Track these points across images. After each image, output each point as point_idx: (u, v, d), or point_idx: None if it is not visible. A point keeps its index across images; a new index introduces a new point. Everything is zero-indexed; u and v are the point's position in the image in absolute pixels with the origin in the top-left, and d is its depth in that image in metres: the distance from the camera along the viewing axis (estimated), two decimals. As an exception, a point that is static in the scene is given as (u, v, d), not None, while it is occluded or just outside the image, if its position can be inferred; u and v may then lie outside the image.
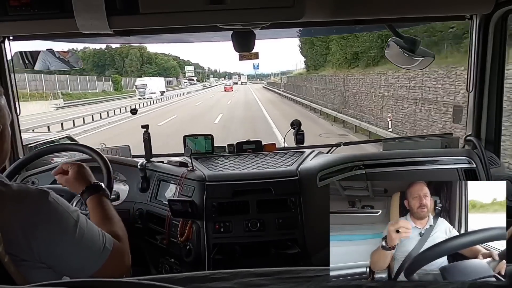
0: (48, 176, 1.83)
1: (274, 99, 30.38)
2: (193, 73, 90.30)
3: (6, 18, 1.24)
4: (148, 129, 1.86)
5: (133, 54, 70.76)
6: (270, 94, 38.57)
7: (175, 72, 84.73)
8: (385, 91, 12.04)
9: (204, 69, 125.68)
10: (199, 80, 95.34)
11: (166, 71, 79.00)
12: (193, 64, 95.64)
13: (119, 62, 70.20)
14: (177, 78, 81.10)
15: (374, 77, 13.03)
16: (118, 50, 69.92)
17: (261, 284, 0.46)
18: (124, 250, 1.02)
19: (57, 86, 37.57)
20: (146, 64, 74.32)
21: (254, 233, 1.57)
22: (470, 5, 1.49)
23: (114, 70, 66.92)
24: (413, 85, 10.17)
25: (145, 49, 74.63)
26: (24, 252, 0.82)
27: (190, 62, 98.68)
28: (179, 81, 78.77)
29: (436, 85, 8.98)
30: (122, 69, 68.79)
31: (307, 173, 1.64)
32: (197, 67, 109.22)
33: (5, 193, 0.84)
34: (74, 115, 17.81)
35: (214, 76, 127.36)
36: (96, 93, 44.28)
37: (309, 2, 1.21)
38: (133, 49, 71.03)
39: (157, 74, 69.84)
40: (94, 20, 1.19)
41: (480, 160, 1.81)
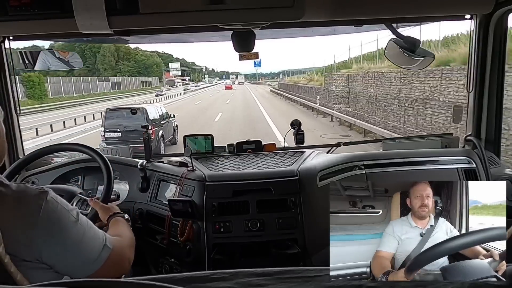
0: (48, 176, 1.83)
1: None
2: (179, 71, 71.79)
3: (6, 18, 1.24)
4: (148, 129, 1.86)
5: (106, 48, 56.01)
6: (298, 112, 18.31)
7: (158, 70, 67.48)
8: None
9: (200, 67, 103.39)
10: (192, 79, 79.83)
11: (148, 69, 64.28)
12: (180, 61, 77.54)
13: (91, 58, 55.85)
14: (161, 78, 64.16)
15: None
16: (89, 44, 44.69)
17: (261, 284, 0.46)
18: (124, 250, 1.02)
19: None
20: (123, 60, 59.70)
21: (254, 233, 1.57)
22: (470, 5, 1.49)
23: (85, 67, 49.21)
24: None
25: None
26: (24, 252, 0.82)
27: (176, 59, 79.64)
28: (170, 81, 62.80)
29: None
30: (94, 67, 55.18)
31: (307, 173, 1.64)
32: (185, 64, 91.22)
33: (5, 193, 0.84)
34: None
35: (211, 75, 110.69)
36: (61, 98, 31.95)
37: (309, 2, 1.22)
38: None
39: (136, 73, 59.34)
40: (94, 20, 1.19)
41: (480, 160, 1.81)
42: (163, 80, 64.92)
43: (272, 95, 35.24)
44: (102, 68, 56.11)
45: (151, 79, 61.60)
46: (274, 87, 41.32)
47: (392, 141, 2.13)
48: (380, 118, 11.76)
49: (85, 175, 1.85)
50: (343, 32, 1.87)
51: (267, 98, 31.31)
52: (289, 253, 1.56)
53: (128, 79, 54.31)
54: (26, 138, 7.73)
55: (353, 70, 15.50)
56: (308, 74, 30.46)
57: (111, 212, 1.28)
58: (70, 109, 24.96)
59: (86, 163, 1.80)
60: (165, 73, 67.98)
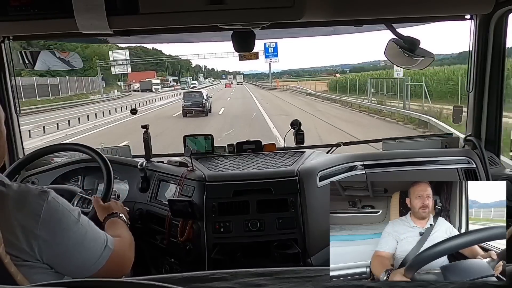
0: (48, 176, 1.83)
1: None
2: (125, 66, 36.13)
3: (6, 18, 1.24)
4: (148, 129, 1.86)
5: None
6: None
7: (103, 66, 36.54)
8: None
9: (188, 61, 78.50)
10: (177, 80, 51.09)
11: (84, 63, 17.68)
12: (127, 49, 35.91)
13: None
14: (102, 77, 34.91)
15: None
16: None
17: (261, 284, 0.46)
18: (125, 250, 1.02)
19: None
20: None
21: (254, 233, 1.57)
22: (470, 5, 1.49)
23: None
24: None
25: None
26: (26, 252, 0.82)
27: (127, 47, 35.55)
28: (144, 84, 39.01)
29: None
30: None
31: (307, 173, 1.64)
32: (145, 52, 49.37)
33: (6, 193, 0.84)
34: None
35: (210, 75, 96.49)
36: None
37: (309, 2, 1.22)
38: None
39: (66, 72, 26.93)
40: (94, 20, 1.19)
41: (480, 160, 1.81)
42: (130, 82, 40.48)
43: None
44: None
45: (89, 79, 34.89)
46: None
47: (392, 141, 2.13)
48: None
49: (85, 175, 1.84)
50: (343, 32, 1.87)
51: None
52: (289, 253, 1.56)
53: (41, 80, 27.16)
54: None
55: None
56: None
57: (109, 212, 1.26)
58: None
59: (86, 163, 1.80)
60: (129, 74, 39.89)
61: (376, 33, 1.66)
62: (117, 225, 1.21)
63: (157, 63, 54.14)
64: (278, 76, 64.28)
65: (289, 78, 60.07)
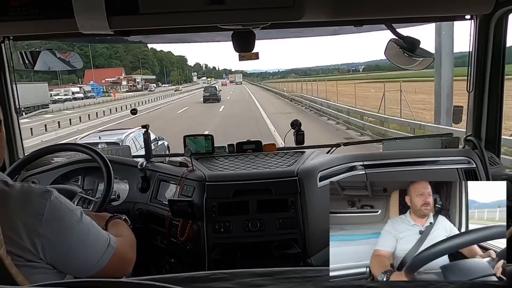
0: (48, 176, 1.83)
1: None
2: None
3: (6, 18, 1.24)
4: (148, 129, 1.86)
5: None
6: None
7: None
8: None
9: (182, 56, 68.38)
10: (157, 83, 46.92)
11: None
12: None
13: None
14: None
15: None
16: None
17: (261, 284, 0.46)
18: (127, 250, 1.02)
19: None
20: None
21: (254, 233, 1.57)
22: (470, 5, 1.49)
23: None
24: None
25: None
26: (29, 251, 0.82)
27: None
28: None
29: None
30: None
31: (307, 173, 1.64)
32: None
33: (9, 193, 0.84)
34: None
35: (211, 74, 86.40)
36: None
37: (309, 2, 1.22)
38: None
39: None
40: (94, 20, 1.19)
41: (480, 160, 1.81)
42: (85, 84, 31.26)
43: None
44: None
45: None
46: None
47: (392, 141, 2.13)
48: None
49: (85, 175, 1.85)
50: (344, 32, 1.87)
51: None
52: (289, 253, 1.56)
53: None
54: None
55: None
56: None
57: (107, 216, 1.24)
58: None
59: (86, 163, 1.80)
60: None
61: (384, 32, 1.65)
62: (119, 226, 1.21)
63: (140, 58, 50.83)
64: (284, 75, 63.87)
65: (296, 78, 58.16)
